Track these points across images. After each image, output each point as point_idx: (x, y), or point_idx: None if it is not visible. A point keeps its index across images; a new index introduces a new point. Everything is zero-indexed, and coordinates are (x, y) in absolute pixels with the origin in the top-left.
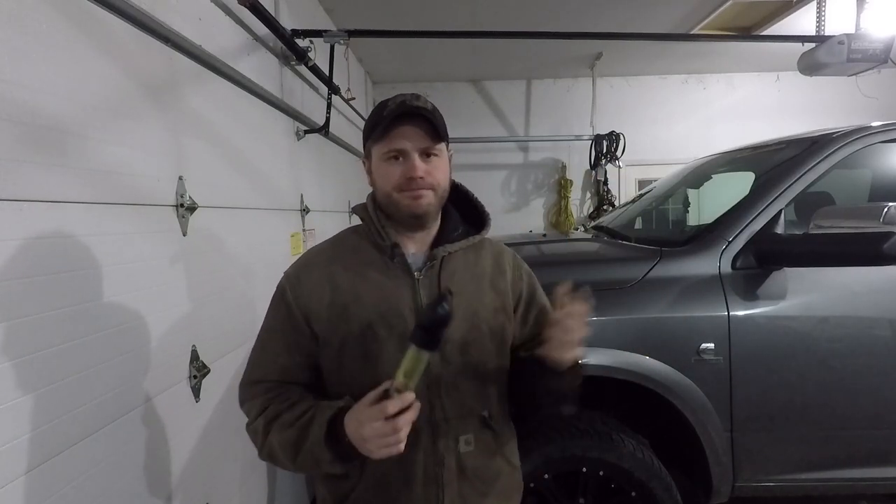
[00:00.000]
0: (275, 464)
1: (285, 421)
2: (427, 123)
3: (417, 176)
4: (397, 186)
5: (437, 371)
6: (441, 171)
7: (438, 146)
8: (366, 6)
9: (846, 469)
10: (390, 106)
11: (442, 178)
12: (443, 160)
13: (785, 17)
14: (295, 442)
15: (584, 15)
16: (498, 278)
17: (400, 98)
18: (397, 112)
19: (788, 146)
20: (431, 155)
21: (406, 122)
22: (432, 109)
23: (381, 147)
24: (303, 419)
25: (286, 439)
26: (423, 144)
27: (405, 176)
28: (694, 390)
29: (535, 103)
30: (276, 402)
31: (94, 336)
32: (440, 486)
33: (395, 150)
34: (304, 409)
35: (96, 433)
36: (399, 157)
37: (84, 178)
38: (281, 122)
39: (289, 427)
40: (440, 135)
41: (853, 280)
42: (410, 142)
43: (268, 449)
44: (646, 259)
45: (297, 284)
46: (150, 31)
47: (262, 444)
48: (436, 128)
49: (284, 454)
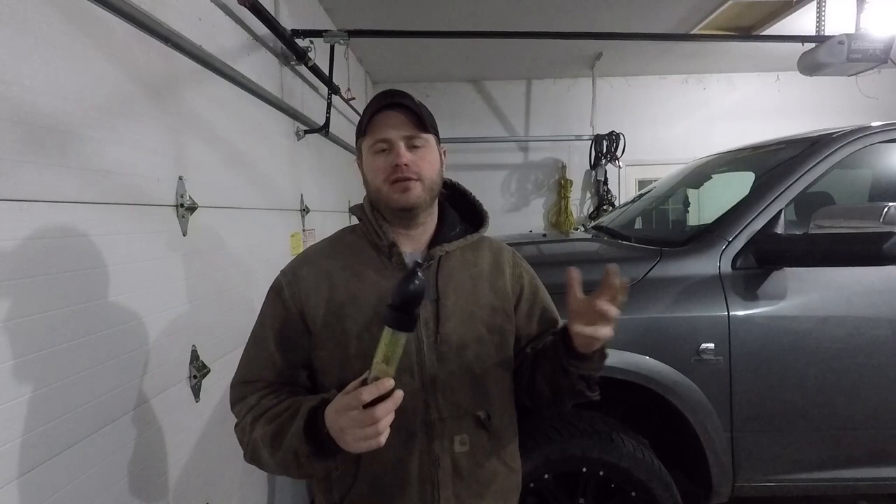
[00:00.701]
0: (259, 464)
1: (270, 415)
2: (410, 113)
3: (402, 163)
4: (385, 178)
5: (432, 371)
6: (427, 161)
7: (424, 136)
8: (366, 6)
9: (846, 469)
10: (374, 102)
11: (428, 168)
12: (430, 151)
13: (785, 17)
14: (275, 434)
15: (584, 15)
16: (496, 277)
17: (384, 93)
18: (381, 104)
19: (788, 146)
20: (417, 145)
21: (390, 113)
22: (418, 103)
23: (367, 141)
24: (287, 412)
25: (268, 433)
26: (407, 132)
27: (390, 164)
28: (694, 390)
29: (535, 103)
30: (267, 399)
31: (94, 336)
32: (435, 487)
33: (380, 140)
34: (290, 402)
35: (96, 433)
36: (385, 148)
37: (84, 178)
38: (281, 122)
39: (273, 420)
40: (424, 124)
41: (853, 280)
42: (395, 130)
43: (251, 446)
44: (646, 259)
45: (294, 282)
46: (150, 31)
47: (248, 441)
48: (420, 117)
49: (265, 448)
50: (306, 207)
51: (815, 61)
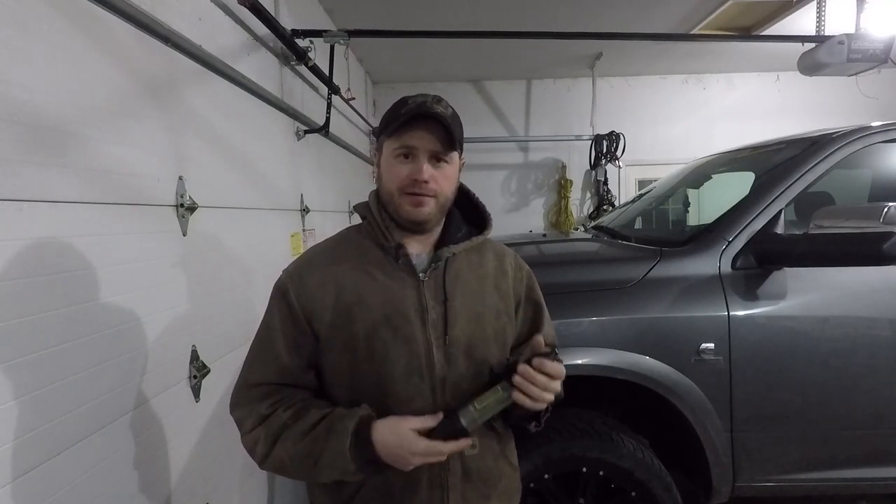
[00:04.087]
0: (283, 475)
1: (296, 432)
2: (443, 129)
3: (422, 180)
4: (402, 187)
5: (442, 373)
6: (447, 179)
7: (450, 154)
8: (366, 6)
9: (846, 469)
10: (410, 104)
11: (447, 186)
12: (452, 168)
13: (785, 17)
14: (310, 454)
15: (584, 15)
16: (500, 280)
17: (421, 98)
18: (416, 112)
19: (788, 146)
20: (442, 161)
21: (422, 123)
22: (452, 115)
23: (392, 142)
24: (317, 430)
25: (300, 452)
26: (435, 149)
27: (411, 177)
28: (694, 390)
29: (535, 103)
30: (280, 411)
31: (94, 336)
32: (445, 490)
33: (405, 148)
34: (316, 419)
35: (96, 433)
36: (409, 156)
37: (84, 178)
38: (281, 122)
39: (302, 438)
40: (454, 143)
41: (853, 280)
42: (423, 144)
43: (276, 461)
44: (646, 259)
45: (300, 284)
46: (150, 31)
47: (266, 455)
48: (451, 135)
49: (298, 467)
50: (306, 207)
51: (815, 61)
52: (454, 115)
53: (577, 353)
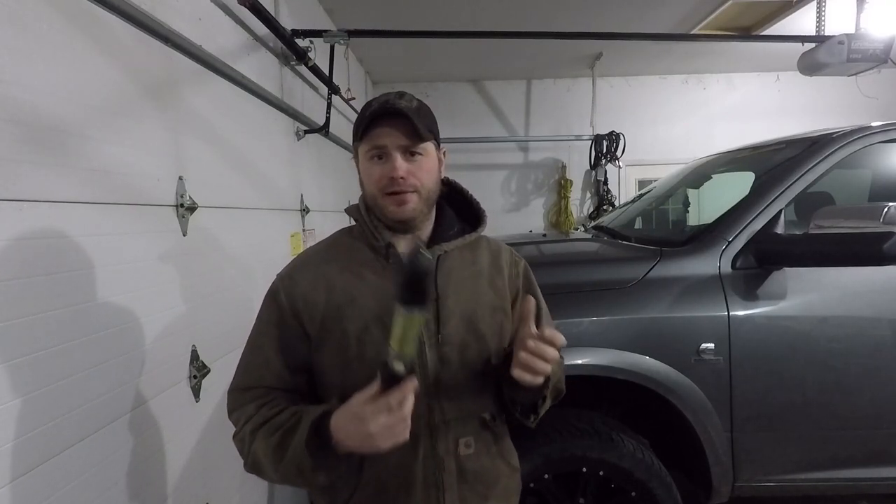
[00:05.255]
0: (261, 475)
1: (271, 426)
2: (408, 122)
3: (398, 176)
4: (381, 188)
5: (435, 373)
6: (425, 171)
7: (422, 145)
8: (366, 6)
9: (846, 469)
10: (374, 105)
11: (426, 178)
12: (429, 160)
13: (785, 17)
14: (276, 447)
15: (584, 15)
16: (496, 276)
17: (384, 97)
18: (379, 111)
19: (788, 146)
20: (416, 154)
21: (387, 120)
22: (417, 108)
23: (364, 146)
24: (288, 424)
25: (269, 445)
26: (404, 143)
27: (386, 176)
28: (694, 390)
29: (535, 103)
30: (266, 409)
31: (94, 336)
32: (440, 490)
33: (376, 149)
34: (291, 413)
35: (96, 433)
36: (381, 156)
37: (84, 178)
38: (281, 122)
39: (273, 433)
40: (421, 134)
41: (853, 280)
42: (392, 139)
43: (252, 458)
44: (646, 259)
45: (291, 286)
46: (150, 31)
47: (248, 452)
48: (417, 127)
49: (268, 461)
50: (306, 207)
51: (815, 61)
52: (420, 106)
53: (578, 353)
